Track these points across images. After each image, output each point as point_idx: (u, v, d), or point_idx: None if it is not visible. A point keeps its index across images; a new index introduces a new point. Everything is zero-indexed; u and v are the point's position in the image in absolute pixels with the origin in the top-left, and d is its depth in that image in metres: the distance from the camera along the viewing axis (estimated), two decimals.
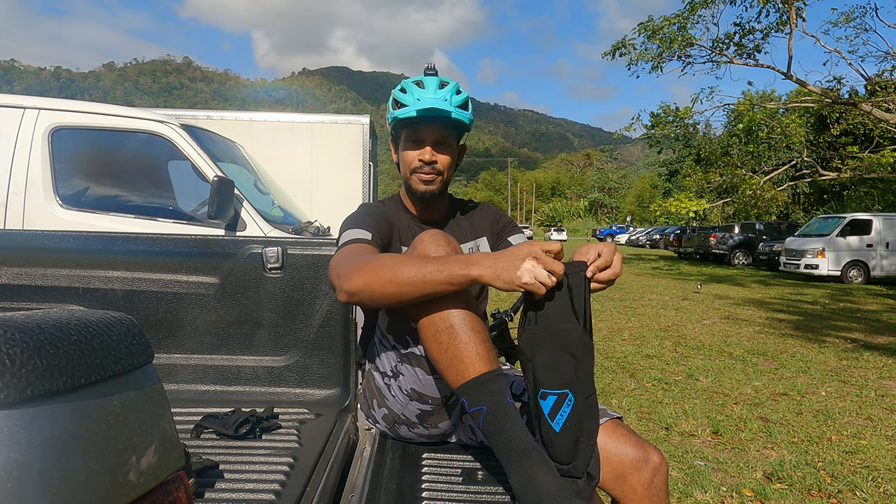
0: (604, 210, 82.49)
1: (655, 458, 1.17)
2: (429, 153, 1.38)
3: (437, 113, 1.34)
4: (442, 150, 1.41)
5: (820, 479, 2.68)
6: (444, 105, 1.34)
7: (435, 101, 1.34)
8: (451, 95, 1.37)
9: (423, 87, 1.38)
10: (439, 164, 1.40)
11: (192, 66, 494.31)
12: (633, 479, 1.16)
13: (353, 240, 1.28)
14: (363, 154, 5.03)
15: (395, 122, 1.40)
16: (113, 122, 3.03)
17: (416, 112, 1.33)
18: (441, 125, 1.39)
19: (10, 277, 1.76)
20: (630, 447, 1.18)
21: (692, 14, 13.98)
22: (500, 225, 1.57)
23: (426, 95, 1.36)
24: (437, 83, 1.38)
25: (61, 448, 0.48)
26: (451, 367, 1.09)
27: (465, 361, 1.08)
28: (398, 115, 1.37)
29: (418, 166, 1.39)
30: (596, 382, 4.25)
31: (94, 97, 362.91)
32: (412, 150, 1.41)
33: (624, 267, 9.41)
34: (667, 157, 38.40)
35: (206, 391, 1.84)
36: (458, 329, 1.09)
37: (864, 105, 12.99)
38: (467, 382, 1.07)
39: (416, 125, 1.38)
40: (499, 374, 1.09)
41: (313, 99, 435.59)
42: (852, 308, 8.84)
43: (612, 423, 1.22)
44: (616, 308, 8.45)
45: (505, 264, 1.02)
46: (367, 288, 1.09)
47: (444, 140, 1.40)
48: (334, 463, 1.38)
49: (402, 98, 1.38)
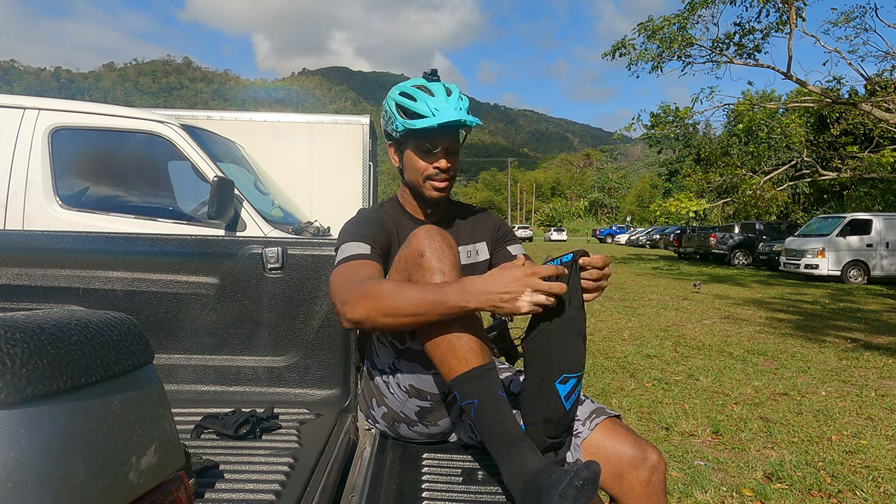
0: (604, 210, 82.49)
1: (653, 457, 1.18)
2: (445, 163, 1.38)
3: (459, 125, 1.35)
4: (453, 156, 1.42)
5: (820, 479, 2.68)
6: (462, 115, 1.33)
7: (455, 112, 1.33)
8: (464, 104, 1.37)
9: (432, 94, 1.36)
10: (453, 169, 1.41)
11: (192, 66, 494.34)
12: (632, 478, 1.16)
13: (351, 256, 1.27)
14: (363, 154, 5.03)
15: (408, 131, 1.37)
16: (113, 123, 3.03)
17: (437, 125, 1.31)
18: (455, 133, 1.40)
19: (11, 278, 1.76)
20: (628, 446, 1.18)
21: (692, 14, 13.98)
22: (499, 233, 1.58)
23: (443, 106, 1.34)
24: (444, 90, 1.37)
25: (61, 448, 0.48)
26: (444, 362, 1.13)
27: (457, 356, 1.11)
28: (417, 125, 1.33)
29: (433, 174, 1.39)
30: (596, 382, 4.23)
31: (94, 97, 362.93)
32: (425, 158, 1.39)
33: (624, 267, 9.45)
34: (667, 157, 38.39)
35: (207, 391, 1.84)
36: (451, 324, 1.12)
37: (864, 105, 12.99)
38: (459, 376, 1.11)
39: (431, 135, 1.36)
40: (490, 367, 1.12)
41: (313, 99, 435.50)
42: (852, 308, 8.84)
43: (609, 421, 1.23)
44: (616, 308, 8.45)
45: (503, 295, 1.04)
46: (368, 319, 1.12)
47: (455, 147, 1.41)
48: (334, 463, 1.38)
49: (413, 106, 1.34)
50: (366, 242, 1.30)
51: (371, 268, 1.25)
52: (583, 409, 1.26)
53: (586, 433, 1.22)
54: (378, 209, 1.49)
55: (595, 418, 1.24)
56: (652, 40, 14.56)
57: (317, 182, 4.95)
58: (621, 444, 1.19)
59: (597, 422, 1.23)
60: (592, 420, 1.24)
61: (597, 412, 1.25)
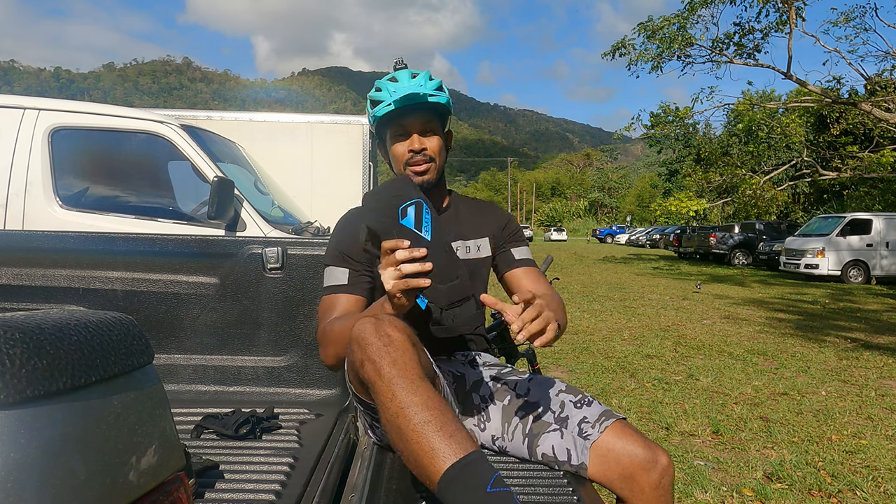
0: (604, 210, 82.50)
1: (664, 460, 1.17)
2: (417, 141, 1.35)
3: (415, 99, 1.30)
4: (429, 135, 1.37)
5: (820, 479, 2.68)
6: (420, 90, 1.30)
7: (410, 87, 1.31)
8: (425, 81, 1.34)
9: (397, 80, 1.35)
10: (429, 150, 1.36)
11: (192, 66, 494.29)
12: (643, 480, 1.16)
13: (329, 287, 1.36)
14: (363, 154, 5.04)
15: (376, 121, 1.37)
16: (113, 123, 3.03)
17: (393, 104, 1.30)
18: (422, 112, 1.35)
19: (11, 278, 1.75)
20: (639, 448, 1.17)
21: (692, 14, 13.98)
22: (505, 231, 1.52)
23: (401, 87, 1.33)
24: (408, 74, 1.36)
25: (61, 448, 0.48)
26: (416, 469, 0.95)
27: (422, 463, 0.93)
28: (377, 112, 1.34)
29: (409, 157, 1.36)
30: (596, 382, 4.22)
31: (94, 98, 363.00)
32: (400, 144, 1.37)
33: (624, 267, 9.41)
34: (667, 157, 38.40)
35: (207, 391, 1.84)
36: (410, 417, 0.95)
37: (864, 105, 12.99)
38: (435, 489, 0.91)
39: (397, 118, 1.35)
40: (466, 464, 0.90)
41: (313, 99, 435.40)
42: (852, 308, 8.84)
43: (619, 423, 1.21)
44: (616, 308, 8.45)
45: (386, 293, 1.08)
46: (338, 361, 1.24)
47: (428, 126, 1.37)
48: (334, 463, 1.38)
49: (378, 96, 1.35)
50: (344, 266, 1.36)
51: (345, 303, 1.33)
52: (591, 411, 1.25)
53: (596, 435, 1.20)
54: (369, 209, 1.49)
55: (605, 420, 1.22)
56: (652, 40, 14.57)
57: (317, 182, 4.95)
58: (632, 447, 1.17)
59: (606, 424, 1.21)
60: (602, 422, 1.21)
61: (605, 414, 1.23)
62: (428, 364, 1.14)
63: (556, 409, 1.27)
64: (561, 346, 5.65)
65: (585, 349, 5.52)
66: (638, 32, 14.86)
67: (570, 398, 1.28)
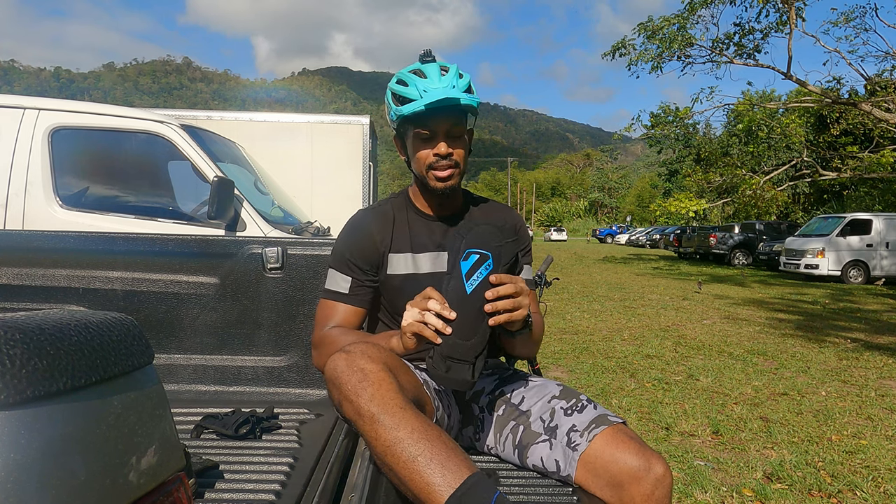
0: (604, 210, 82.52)
1: (659, 469, 1.08)
2: (444, 147, 1.28)
3: (447, 103, 1.23)
4: (456, 141, 1.30)
5: (820, 479, 2.68)
6: (453, 93, 1.23)
7: (443, 90, 1.24)
8: (456, 81, 1.28)
9: (425, 76, 1.28)
10: (455, 156, 1.30)
11: (192, 66, 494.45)
12: (633, 490, 1.08)
13: (330, 292, 1.36)
14: (363, 154, 5.04)
15: (401, 118, 1.29)
16: (113, 123, 3.03)
17: (424, 106, 1.22)
18: (452, 115, 1.28)
19: (11, 278, 1.75)
20: (631, 455, 1.09)
21: (692, 14, 13.99)
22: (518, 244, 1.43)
23: (432, 86, 1.25)
24: (438, 70, 1.28)
25: (61, 449, 0.48)
26: (415, 502, 0.94)
27: (420, 498, 0.93)
28: (404, 111, 1.25)
29: (434, 161, 1.29)
30: (596, 382, 4.22)
31: (94, 97, 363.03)
32: (425, 146, 1.30)
33: (624, 267, 9.42)
34: (667, 157, 38.44)
35: (207, 391, 1.84)
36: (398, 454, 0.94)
37: (864, 105, 13.00)
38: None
39: (425, 119, 1.27)
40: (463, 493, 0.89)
41: (313, 99, 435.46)
42: (852, 308, 8.84)
43: (611, 429, 1.14)
44: (616, 308, 8.45)
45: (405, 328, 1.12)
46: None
47: (456, 130, 1.29)
48: (334, 463, 1.38)
49: (405, 91, 1.27)
50: (348, 273, 1.35)
51: (343, 313, 1.34)
52: (582, 418, 1.17)
53: (584, 445, 1.13)
54: (383, 204, 1.43)
55: (594, 428, 1.14)
56: (652, 40, 14.58)
57: (317, 182, 4.96)
58: (622, 454, 1.09)
59: (595, 432, 1.13)
60: (591, 430, 1.14)
61: (597, 421, 1.16)
62: (412, 384, 1.14)
63: (546, 419, 1.23)
64: (561, 346, 5.66)
65: (585, 349, 5.53)
66: (638, 33, 14.87)
67: (562, 405, 1.23)
